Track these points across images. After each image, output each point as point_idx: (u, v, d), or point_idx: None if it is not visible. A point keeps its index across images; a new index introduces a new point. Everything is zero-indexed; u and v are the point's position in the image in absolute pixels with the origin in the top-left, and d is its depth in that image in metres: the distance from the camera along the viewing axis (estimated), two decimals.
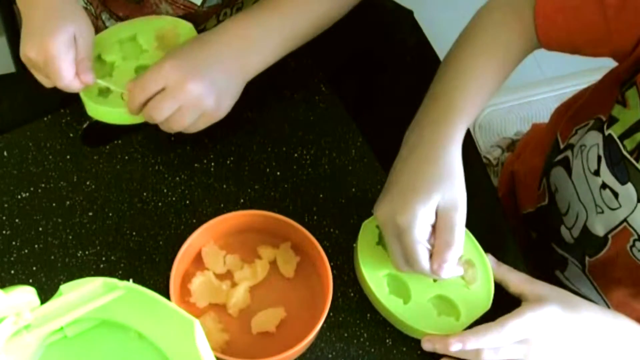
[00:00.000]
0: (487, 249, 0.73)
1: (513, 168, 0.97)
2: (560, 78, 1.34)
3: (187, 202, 0.76)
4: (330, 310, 0.67)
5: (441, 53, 0.86)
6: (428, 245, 0.63)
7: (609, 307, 0.80)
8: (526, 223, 0.90)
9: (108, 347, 0.55)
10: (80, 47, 0.71)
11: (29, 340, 0.52)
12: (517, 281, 0.68)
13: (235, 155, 0.79)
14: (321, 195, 0.77)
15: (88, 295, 0.53)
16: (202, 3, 0.82)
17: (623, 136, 0.70)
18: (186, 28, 0.79)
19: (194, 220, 0.74)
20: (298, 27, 0.76)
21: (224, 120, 0.75)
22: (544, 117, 1.61)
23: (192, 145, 0.79)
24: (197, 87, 0.69)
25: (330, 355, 0.69)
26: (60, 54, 0.68)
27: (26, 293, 0.52)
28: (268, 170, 0.78)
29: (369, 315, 0.71)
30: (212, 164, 0.78)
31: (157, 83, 0.69)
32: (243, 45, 0.73)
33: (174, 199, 0.76)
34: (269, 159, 0.79)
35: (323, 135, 0.81)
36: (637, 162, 0.68)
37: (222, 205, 0.76)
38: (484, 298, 0.69)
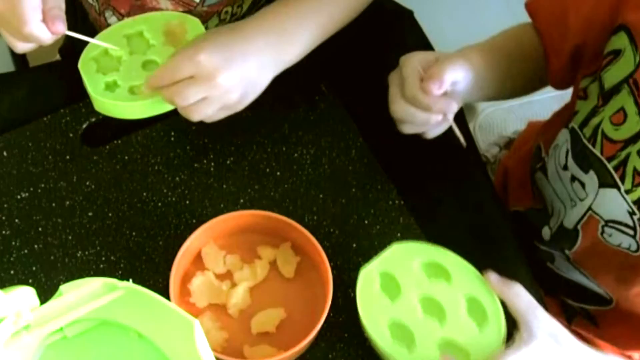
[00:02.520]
0: (487, 249, 0.73)
1: (507, 164, 0.97)
2: None
3: (187, 202, 0.76)
4: (330, 310, 0.66)
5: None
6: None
7: (608, 296, 0.80)
8: (513, 220, 0.90)
9: (108, 347, 0.55)
10: None
11: (28, 340, 0.52)
12: (521, 310, 0.64)
13: (235, 155, 0.79)
14: (321, 195, 0.77)
15: (88, 295, 0.53)
16: (202, 2, 0.82)
17: (582, 125, 0.72)
18: (194, 23, 0.79)
19: (194, 220, 0.74)
20: (333, 17, 0.76)
21: (224, 120, 0.75)
22: (544, 117, 1.61)
23: (192, 145, 0.79)
24: (227, 81, 0.68)
25: (330, 355, 0.69)
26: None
27: (26, 293, 0.52)
28: (268, 170, 0.78)
29: None
30: (212, 164, 0.78)
31: (188, 70, 0.68)
32: (280, 37, 0.72)
33: (174, 199, 0.76)
34: (269, 159, 0.79)
35: (323, 135, 0.81)
36: (594, 147, 0.69)
37: (222, 205, 0.76)
38: (495, 340, 0.64)
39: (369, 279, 0.66)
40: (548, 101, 1.33)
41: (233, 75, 0.69)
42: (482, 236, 0.77)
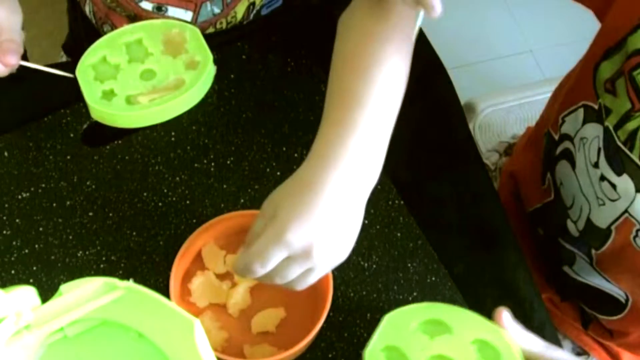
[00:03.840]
0: (487, 250, 0.73)
1: (512, 169, 0.97)
2: (560, 78, 1.34)
3: (187, 202, 0.76)
4: (330, 310, 0.67)
5: (441, 53, 0.86)
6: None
7: (627, 297, 0.79)
8: (533, 220, 0.90)
9: (108, 347, 0.55)
10: (4, 29, 0.69)
11: (29, 340, 0.52)
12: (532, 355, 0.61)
13: (235, 155, 0.79)
14: None
15: (88, 295, 0.53)
16: (194, 20, 0.82)
17: (616, 127, 0.69)
18: (193, 32, 0.79)
19: (194, 220, 0.74)
20: (389, 118, 0.66)
21: (224, 120, 0.76)
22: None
23: (192, 145, 0.79)
24: (326, 249, 0.60)
25: (330, 355, 0.69)
26: None
27: (27, 293, 0.52)
28: (268, 170, 0.78)
29: (368, 315, 0.71)
30: (212, 164, 0.78)
31: (280, 255, 0.59)
32: (358, 169, 0.62)
33: (174, 199, 0.76)
34: (269, 159, 0.79)
35: None
36: (631, 152, 0.68)
37: (222, 205, 0.76)
38: None
39: (374, 358, 0.64)
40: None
41: (329, 241, 0.60)
42: (482, 236, 0.77)
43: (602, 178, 0.72)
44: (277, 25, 0.87)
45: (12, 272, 0.70)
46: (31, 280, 0.70)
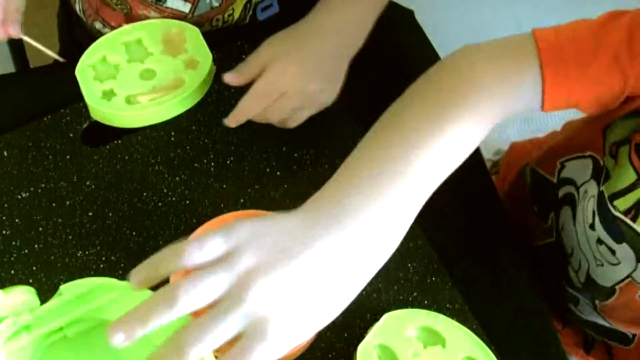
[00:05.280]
0: (487, 250, 0.73)
1: (502, 191, 0.94)
2: None
3: (187, 202, 0.76)
4: None
5: (441, 53, 0.86)
6: None
7: (629, 338, 0.79)
8: (537, 253, 0.87)
9: (107, 347, 0.55)
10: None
11: (28, 340, 0.52)
12: None
13: (235, 155, 0.79)
14: None
15: (87, 295, 0.53)
16: (192, 12, 0.82)
17: (614, 196, 0.67)
18: (193, 32, 0.79)
19: (194, 220, 0.74)
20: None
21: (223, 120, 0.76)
22: (544, 117, 1.61)
23: (192, 145, 0.79)
24: (319, 85, 0.72)
25: (330, 355, 0.69)
26: None
27: (25, 293, 0.52)
28: (268, 170, 0.78)
29: (368, 315, 0.71)
30: (212, 164, 0.78)
31: (280, 89, 0.70)
32: (350, 27, 0.75)
33: (174, 199, 0.76)
34: (269, 159, 0.79)
35: (323, 135, 0.81)
36: (634, 222, 0.65)
37: (222, 205, 0.76)
38: None
39: (366, 354, 0.65)
40: None
41: (324, 79, 0.72)
42: (482, 237, 0.77)
43: (600, 241, 0.70)
44: (277, 26, 0.87)
45: (12, 272, 0.70)
46: (31, 280, 0.70)
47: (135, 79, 0.76)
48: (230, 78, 0.73)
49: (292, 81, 0.70)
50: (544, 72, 0.61)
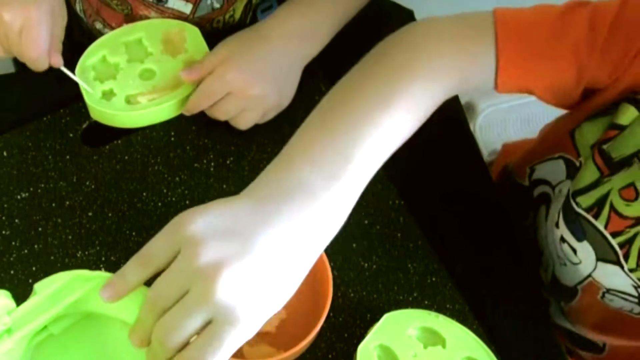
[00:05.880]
0: (486, 250, 0.73)
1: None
2: None
3: (187, 202, 0.76)
4: (330, 310, 0.66)
5: None
6: None
7: (600, 347, 0.78)
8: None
9: (94, 339, 0.55)
10: (57, 25, 0.71)
11: (12, 343, 0.51)
12: None
13: (235, 155, 0.79)
14: None
15: (64, 290, 0.53)
16: (193, 13, 0.82)
17: (578, 192, 0.66)
18: (193, 31, 0.79)
19: None
20: (346, 9, 0.78)
21: (224, 121, 0.75)
22: (544, 117, 1.61)
23: (192, 145, 0.79)
24: (260, 90, 0.73)
25: (330, 355, 0.69)
26: (40, 21, 0.68)
27: (0, 297, 0.52)
28: None
29: (368, 315, 0.71)
30: (212, 164, 0.78)
31: (222, 90, 0.72)
32: (302, 34, 0.76)
33: (174, 199, 0.76)
34: (269, 159, 0.78)
35: None
36: (596, 219, 0.65)
37: None
38: None
39: (366, 354, 0.65)
40: None
41: (264, 82, 0.73)
42: (482, 237, 0.77)
43: (563, 240, 0.70)
44: None
45: (12, 272, 0.70)
46: (30, 281, 0.70)
47: (135, 79, 0.76)
48: (185, 74, 0.74)
49: (233, 84, 0.72)
50: (498, 53, 0.61)
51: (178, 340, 0.46)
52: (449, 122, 0.85)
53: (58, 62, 0.71)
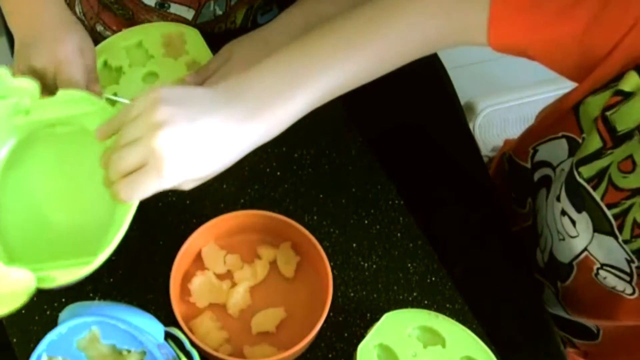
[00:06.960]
0: (486, 250, 0.73)
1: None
2: (560, 78, 1.34)
3: (187, 202, 0.76)
4: (330, 310, 0.67)
5: (441, 53, 0.86)
6: None
7: (597, 328, 0.79)
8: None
9: (83, 148, 0.64)
10: (87, 57, 0.70)
11: (24, 122, 0.64)
12: None
13: None
14: (321, 195, 0.77)
15: (77, 101, 0.64)
16: (195, 19, 0.82)
17: (580, 162, 0.67)
18: (192, 34, 0.79)
19: (194, 220, 0.74)
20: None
21: None
22: None
23: None
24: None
25: (330, 355, 0.69)
26: (72, 59, 0.68)
27: (30, 84, 0.63)
28: (268, 170, 0.78)
29: (368, 315, 0.71)
30: None
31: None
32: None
33: (174, 199, 0.76)
34: (269, 159, 0.79)
35: (323, 135, 0.81)
36: (594, 191, 0.65)
37: (222, 205, 0.76)
38: None
39: (366, 354, 0.65)
40: (548, 101, 1.33)
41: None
42: (482, 236, 0.77)
43: (563, 212, 0.70)
44: None
45: None
46: None
47: (138, 84, 0.76)
48: (191, 78, 0.75)
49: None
50: (491, 5, 0.61)
51: (119, 165, 0.57)
52: (449, 122, 0.85)
53: (96, 90, 0.71)
